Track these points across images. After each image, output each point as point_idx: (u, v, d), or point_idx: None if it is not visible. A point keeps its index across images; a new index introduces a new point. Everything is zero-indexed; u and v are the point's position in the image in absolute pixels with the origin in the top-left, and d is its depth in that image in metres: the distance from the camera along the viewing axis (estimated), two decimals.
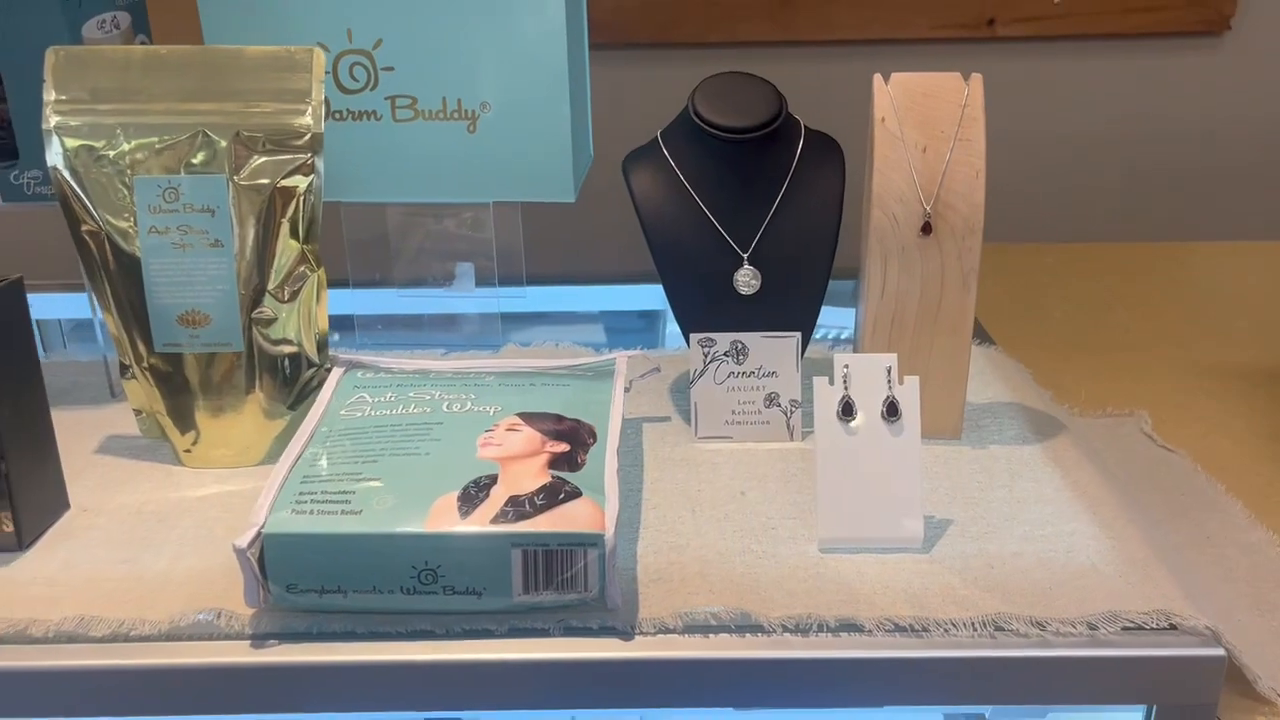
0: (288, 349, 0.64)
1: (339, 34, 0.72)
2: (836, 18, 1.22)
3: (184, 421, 0.64)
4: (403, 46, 0.73)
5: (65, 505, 0.60)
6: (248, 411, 0.64)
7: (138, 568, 0.55)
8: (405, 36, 0.72)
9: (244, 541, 0.48)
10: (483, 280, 0.86)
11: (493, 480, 0.51)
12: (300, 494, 0.51)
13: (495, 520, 0.49)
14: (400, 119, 0.74)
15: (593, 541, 0.48)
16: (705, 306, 0.65)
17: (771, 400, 0.65)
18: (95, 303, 0.66)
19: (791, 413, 0.65)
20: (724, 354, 0.65)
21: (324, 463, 0.53)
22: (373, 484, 0.51)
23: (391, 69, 0.73)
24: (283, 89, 0.61)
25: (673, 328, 0.94)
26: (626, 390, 0.63)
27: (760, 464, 0.63)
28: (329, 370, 0.65)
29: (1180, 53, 1.24)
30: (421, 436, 0.55)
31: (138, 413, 0.66)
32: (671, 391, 0.73)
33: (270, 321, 0.63)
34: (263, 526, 0.49)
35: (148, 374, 0.64)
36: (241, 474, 0.64)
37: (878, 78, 0.63)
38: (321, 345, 0.65)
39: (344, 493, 0.51)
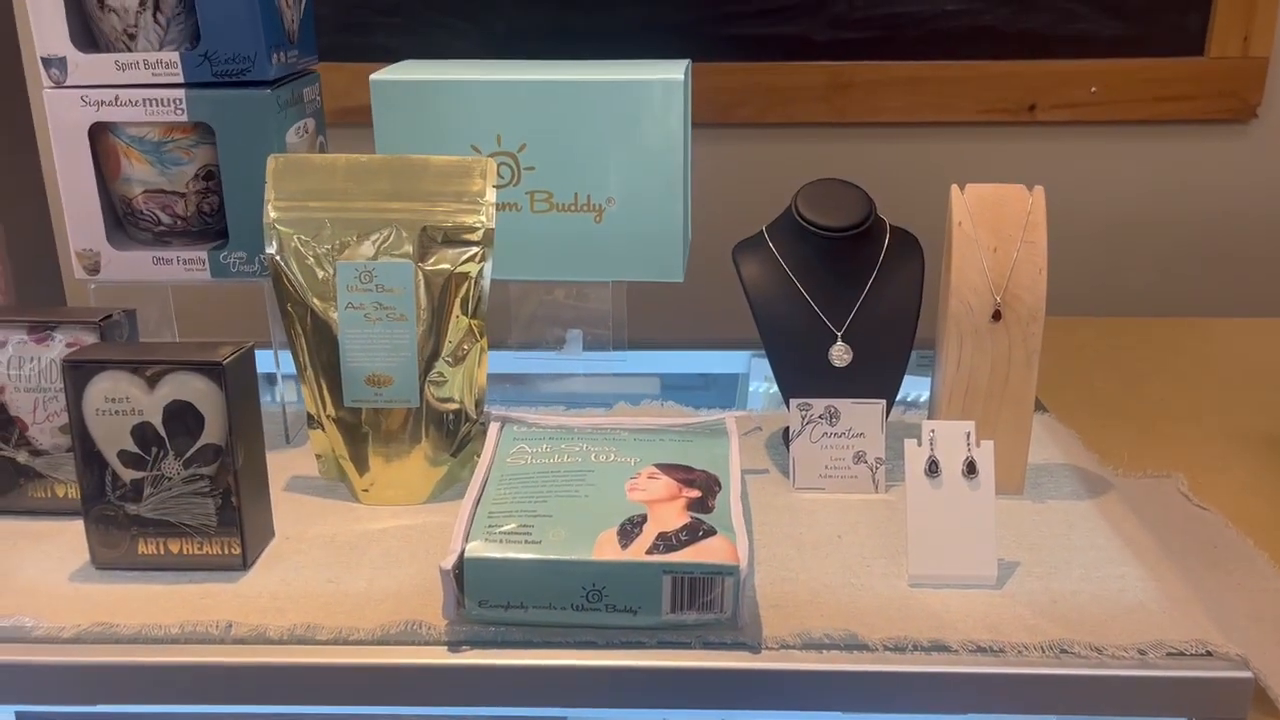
0: (452, 406, 0.76)
1: (490, 139, 0.86)
2: (886, 102, 1.33)
3: (362, 465, 0.76)
4: (543, 150, 0.85)
5: (273, 533, 0.72)
6: (415, 458, 0.76)
7: (343, 586, 0.66)
8: (546, 142, 0.85)
9: (448, 564, 0.60)
10: (589, 345, 0.98)
11: (643, 519, 0.63)
12: (489, 526, 0.62)
13: (649, 552, 0.60)
14: (537, 210, 0.87)
15: (729, 571, 0.60)
16: (804, 376, 0.77)
17: (859, 457, 0.76)
18: (278, 360, 0.79)
19: (877, 468, 0.76)
20: (819, 416, 0.76)
21: (504, 501, 0.65)
22: (546, 519, 0.63)
23: (532, 168, 0.86)
24: (461, 192, 0.74)
25: (753, 388, 1.06)
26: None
27: (851, 512, 0.74)
28: (484, 425, 0.77)
29: (1209, 138, 1.33)
30: (578, 481, 0.67)
31: (319, 457, 0.78)
32: (767, 446, 0.84)
33: (441, 383, 0.75)
34: (463, 552, 0.60)
35: (334, 425, 0.76)
36: (410, 510, 0.75)
37: (955, 188, 0.75)
38: (479, 403, 0.77)
39: (525, 526, 0.62)
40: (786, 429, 0.84)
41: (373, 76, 0.84)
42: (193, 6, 0.77)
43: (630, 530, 0.62)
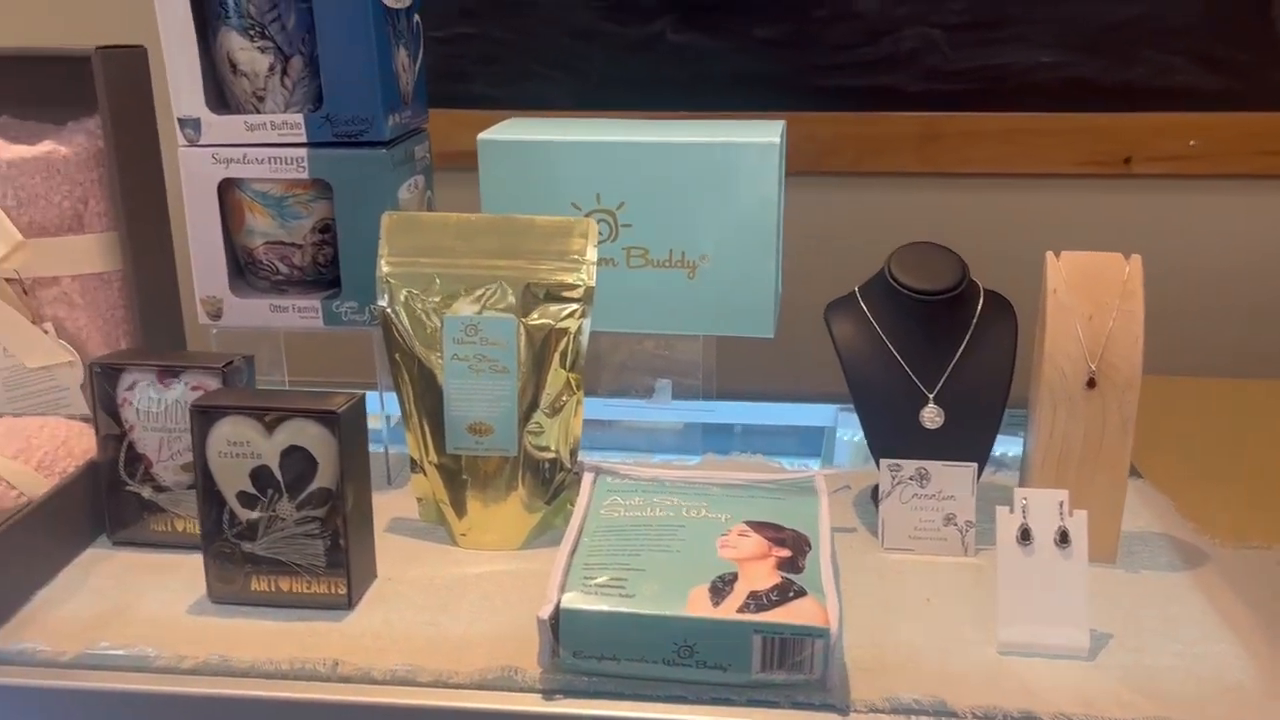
0: (548, 455, 0.79)
1: (590, 197, 0.89)
2: (978, 153, 1.33)
3: (461, 510, 0.79)
4: (641, 208, 0.88)
5: (375, 574, 0.75)
6: (511, 504, 0.79)
7: (442, 629, 0.69)
8: (644, 200, 0.88)
9: (545, 614, 0.62)
10: (678, 394, 1.00)
11: (734, 577, 0.64)
12: (584, 578, 0.64)
13: (740, 610, 0.62)
14: (633, 266, 0.90)
15: (820, 634, 0.60)
16: (894, 436, 0.78)
17: (949, 520, 0.77)
18: (384, 405, 0.83)
19: (966, 531, 0.77)
20: (909, 478, 0.77)
21: (598, 553, 0.67)
22: (639, 573, 0.65)
23: (630, 225, 0.89)
24: (564, 250, 0.77)
25: (840, 440, 1.06)
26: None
27: (940, 575, 0.75)
28: (577, 474, 0.80)
29: None
30: (670, 536, 0.69)
31: (419, 500, 0.81)
32: (855, 504, 0.85)
33: (539, 433, 0.78)
34: (559, 603, 0.62)
35: (436, 470, 0.79)
36: (505, 556, 0.78)
37: (1050, 255, 0.76)
38: (573, 452, 0.80)
39: (619, 579, 0.64)
40: (875, 487, 0.85)
41: (480, 136, 0.88)
42: (316, 71, 0.81)
43: (721, 588, 0.63)
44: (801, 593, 0.63)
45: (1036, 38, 1.21)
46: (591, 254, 0.77)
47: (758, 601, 0.62)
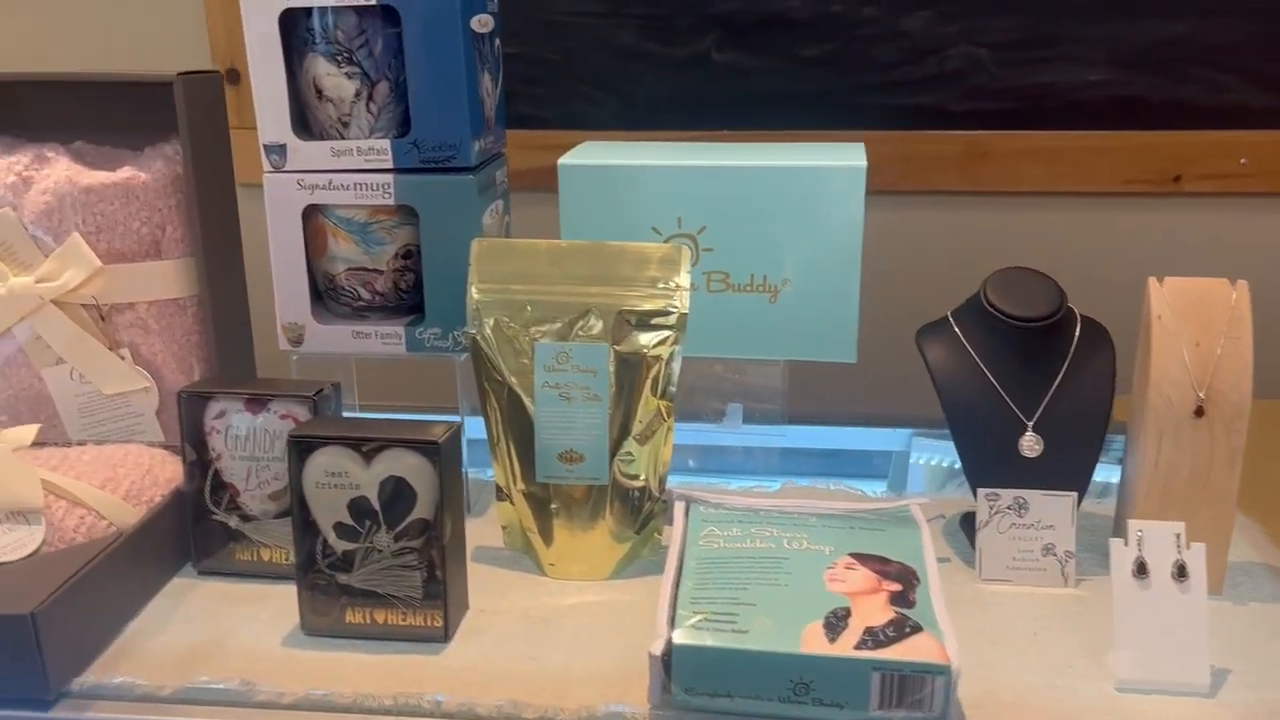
0: (638, 484, 0.77)
1: (670, 221, 0.88)
2: (1025, 171, 1.32)
3: (549, 539, 0.78)
4: (723, 232, 0.87)
5: (467, 605, 0.74)
6: (600, 534, 0.78)
7: (543, 663, 0.68)
8: (726, 224, 0.87)
9: (657, 650, 0.61)
10: (749, 418, 0.99)
11: (847, 612, 0.63)
12: (694, 612, 0.63)
13: (857, 647, 0.60)
14: (713, 290, 0.89)
15: (941, 671, 0.59)
16: (992, 465, 0.76)
17: (1048, 550, 0.75)
18: (464, 432, 0.82)
19: (1066, 562, 0.75)
20: (1007, 507, 0.75)
21: (704, 586, 0.66)
22: (749, 607, 0.63)
23: (711, 249, 0.88)
24: (657, 277, 0.76)
25: (913, 465, 1.05)
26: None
27: (1042, 607, 0.73)
28: (665, 502, 0.78)
29: None
30: (775, 569, 0.67)
31: (505, 528, 0.80)
32: (945, 533, 0.83)
33: (629, 461, 0.77)
34: (671, 638, 0.61)
35: (524, 498, 0.78)
36: (595, 587, 0.77)
37: (1152, 280, 0.74)
38: (662, 481, 0.79)
39: (730, 614, 0.63)
40: (965, 515, 0.84)
41: (561, 161, 0.88)
42: (401, 96, 0.81)
43: (836, 623, 0.62)
44: (917, 628, 0.62)
45: (1084, 56, 1.20)
46: (685, 280, 0.76)
47: (875, 638, 0.61)
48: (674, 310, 0.75)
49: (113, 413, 0.90)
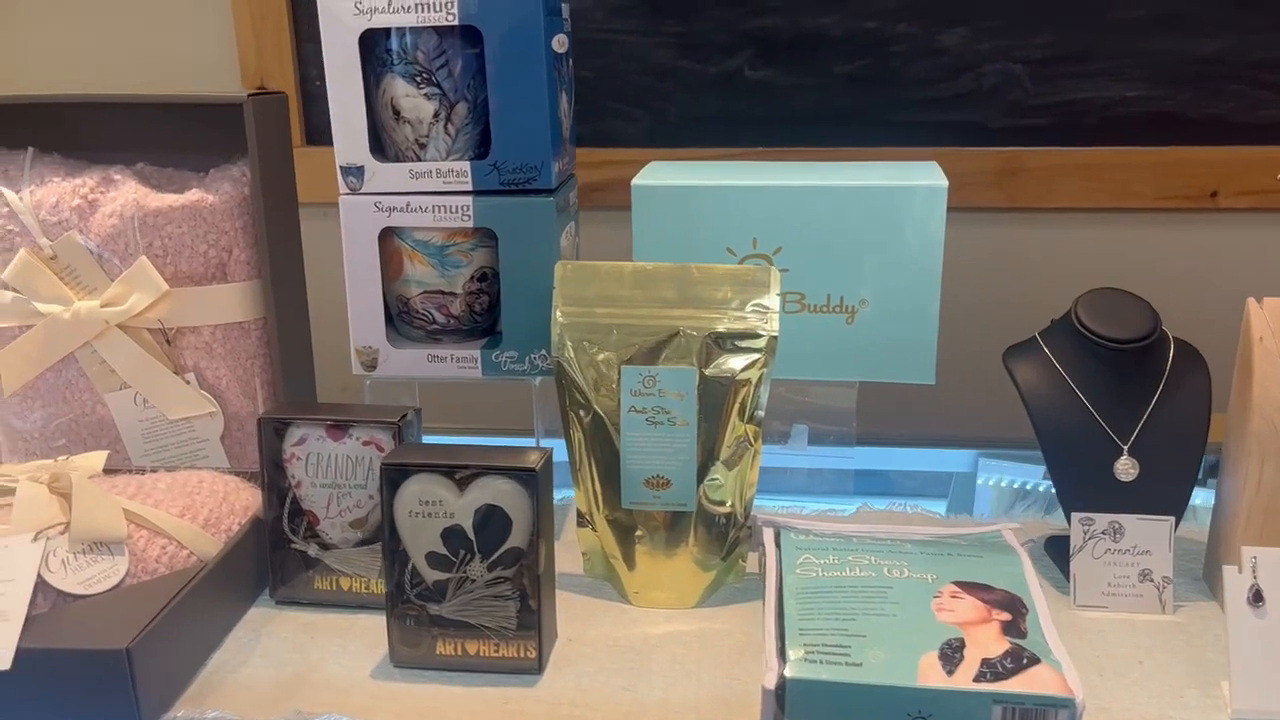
0: (723, 510, 0.76)
1: (745, 241, 0.87)
2: (1061, 187, 1.31)
3: (633, 566, 0.76)
4: (798, 253, 0.86)
5: (556, 635, 0.72)
6: (683, 561, 0.76)
7: (640, 695, 0.66)
8: (801, 245, 0.86)
9: (770, 683, 0.59)
10: (813, 439, 0.97)
11: (961, 643, 0.62)
12: (804, 644, 0.62)
13: (976, 679, 0.59)
14: (789, 311, 0.87)
15: (1065, 704, 0.58)
16: (1086, 489, 0.75)
17: (1145, 575, 0.74)
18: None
19: (1164, 588, 0.74)
20: (1102, 532, 0.74)
21: (810, 617, 0.64)
22: (860, 639, 0.62)
23: (786, 270, 0.87)
24: (746, 300, 0.75)
25: (980, 487, 1.04)
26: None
27: (1143, 635, 0.72)
28: (749, 528, 0.77)
29: None
30: (880, 599, 0.66)
31: (585, 555, 0.79)
32: (1031, 558, 0.82)
33: (716, 487, 0.75)
34: (784, 671, 0.60)
35: (608, 524, 0.76)
36: (682, 615, 0.75)
37: (1251, 301, 0.73)
38: (748, 507, 0.77)
39: (841, 645, 0.61)
40: (1050, 539, 0.83)
41: (635, 181, 0.87)
42: (479, 118, 0.80)
43: (951, 655, 0.60)
44: (1035, 659, 0.60)
45: (1121, 72, 1.20)
46: (774, 302, 0.75)
47: (993, 670, 0.59)
48: (763, 333, 0.74)
49: (176, 438, 0.89)
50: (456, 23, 0.76)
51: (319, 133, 1.17)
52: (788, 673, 0.60)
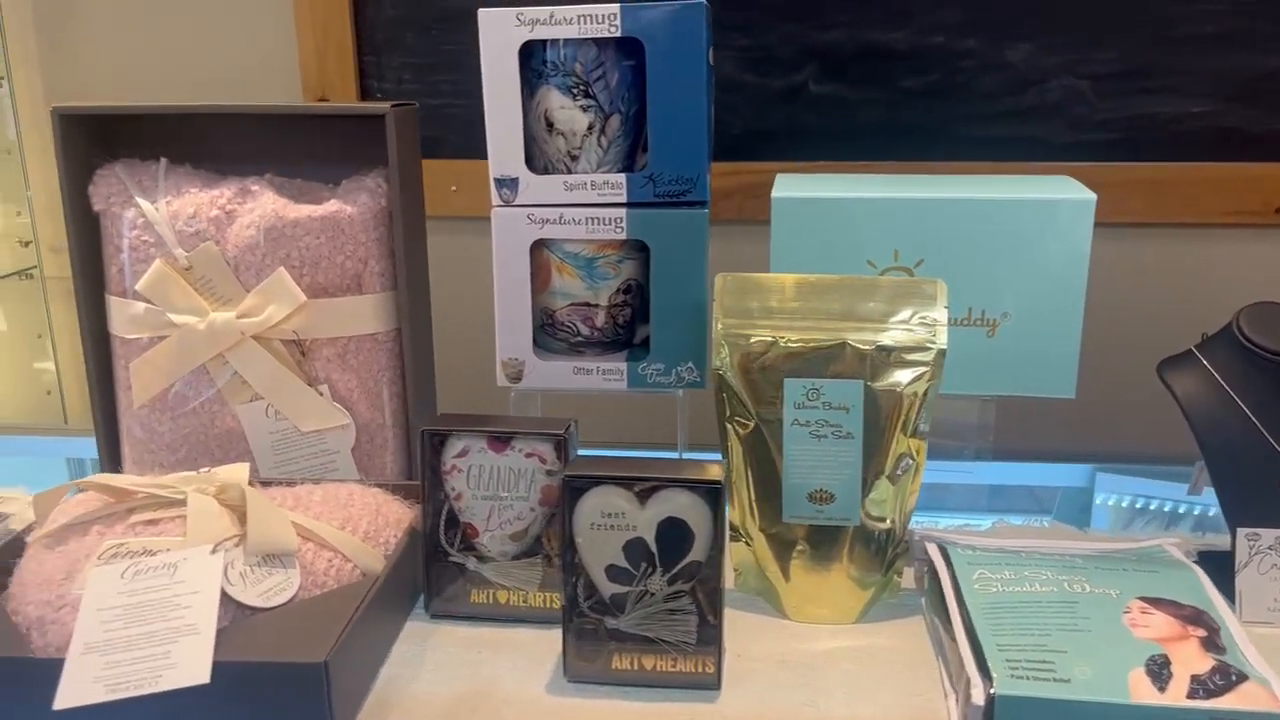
0: (883, 525, 0.75)
1: (887, 254, 0.86)
2: (1126, 202, 1.28)
3: (791, 581, 0.76)
4: (940, 266, 0.86)
5: (724, 650, 0.71)
6: (840, 576, 0.76)
7: (824, 711, 0.65)
8: (943, 257, 0.86)
9: (979, 700, 0.59)
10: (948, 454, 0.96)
11: (1165, 659, 0.61)
12: (1006, 660, 0.61)
13: (1190, 696, 0.58)
14: None
15: None
16: (1251, 503, 0.74)
17: None
18: None
19: None
20: (1268, 547, 0.73)
21: (1004, 633, 0.64)
22: (1061, 654, 0.61)
23: None
24: (914, 312, 0.74)
25: (1098, 504, 1.03)
26: None
27: None
28: (906, 544, 0.76)
29: None
30: (1069, 614, 0.65)
31: (736, 570, 0.78)
32: None
33: (878, 502, 0.75)
34: (992, 688, 0.59)
35: (765, 539, 0.76)
36: (845, 631, 0.74)
37: None
38: (906, 522, 0.77)
39: (1044, 661, 0.61)
40: (1202, 554, 0.82)
41: (775, 194, 0.86)
42: (630, 130, 0.80)
43: (1158, 671, 0.60)
44: (1243, 676, 0.60)
45: (1186, 88, 1.20)
46: (942, 315, 0.74)
47: (1204, 687, 0.59)
48: (932, 346, 0.74)
49: (307, 449, 0.89)
50: (619, 34, 0.76)
51: None
52: (996, 689, 0.59)
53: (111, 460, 0.93)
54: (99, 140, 0.89)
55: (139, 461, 0.90)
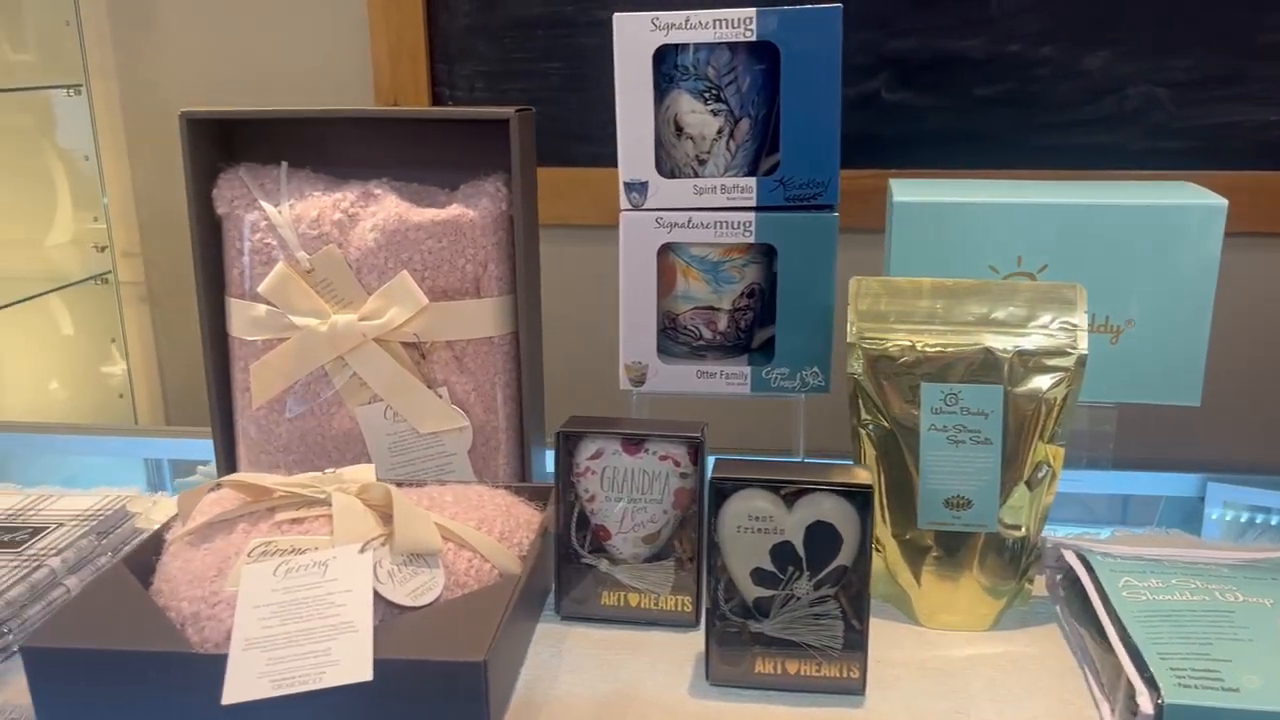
0: (1018, 533, 0.75)
1: (1010, 259, 0.86)
2: None
3: (924, 588, 0.75)
4: (1064, 271, 0.85)
5: (868, 655, 0.71)
6: (970, 582, 0.75)
7: (973, 717, 0.65)
8: (1068, 263, 0.85)
9: (1148, 708, 0.58)
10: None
11: None
12: (1171, 669, 0.60)
13: None
14: None
15: None
16: None
17: None
18: None
19: None
20: None
21: (1163, 641, 0.63)
22: (1227, 663, 0.60)
23: None
24: (1056, 317, 0.74)
25: (1210, 516, 1.01)
26: None
27: None
28: (1039, 551, 0.76)
29: None
30: (1226, 623, 0.64)
31: None
32: None
33: (1015, 509, 0.74)
34: (1161, 699, 0.58)
35: (897, 544, 0.75)
36: (981, 638, 0.74)
37: None
38: (1040, 530, 0.76)
39: (1210, 671, 0.60)
40: None
41: (896, 199, 0.86)
42: (758, 135, 0.80)
43: None
44: None
45: (1264, 95, 1.19)
46: (1082, 320, 0.74)
47: None
48: (1073, 351, 0.73)
49: (424, 451, 0.89)
50: (754, 39, 0.76)
51: None
52: (1166, 698, 0.58)
53: (228, 460, 0.94)
54: (219, 145, 0.90)
55: (254, 462, 0.91)
